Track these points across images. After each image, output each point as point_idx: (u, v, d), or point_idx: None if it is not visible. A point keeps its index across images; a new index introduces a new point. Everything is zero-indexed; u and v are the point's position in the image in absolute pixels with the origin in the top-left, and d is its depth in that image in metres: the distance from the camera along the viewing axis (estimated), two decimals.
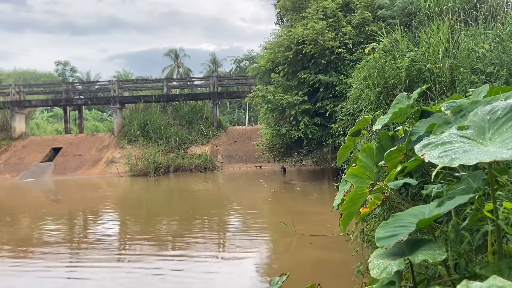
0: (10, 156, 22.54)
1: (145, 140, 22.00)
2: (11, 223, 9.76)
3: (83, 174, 20.45)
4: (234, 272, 5.43)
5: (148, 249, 6.74)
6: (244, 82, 26.02)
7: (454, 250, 2.11)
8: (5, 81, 44.37)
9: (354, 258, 4.67)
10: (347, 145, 4.10)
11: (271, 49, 13.86)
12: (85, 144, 23.18)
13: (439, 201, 1.91)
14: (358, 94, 8.23)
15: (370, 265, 1.76)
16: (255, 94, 14.20)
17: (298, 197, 11.87)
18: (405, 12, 10.12)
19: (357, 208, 2.57)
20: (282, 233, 6.81)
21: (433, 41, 6.75)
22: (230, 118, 41.66)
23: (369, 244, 4.28)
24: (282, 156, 16.03)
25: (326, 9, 13.09)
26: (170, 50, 52.29)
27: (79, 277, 5.43)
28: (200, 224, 8.76)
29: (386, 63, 7.26)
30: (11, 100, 24.44)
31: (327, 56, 12.84)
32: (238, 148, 22.18)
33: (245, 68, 41.64)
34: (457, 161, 1.42)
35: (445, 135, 1.63)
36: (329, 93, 12.90)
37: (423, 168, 3.63)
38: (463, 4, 8.38)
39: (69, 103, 26.46)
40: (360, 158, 2.48)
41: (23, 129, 24.87)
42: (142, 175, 19.02)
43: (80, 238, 7.96)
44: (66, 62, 53.30)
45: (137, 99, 24.63)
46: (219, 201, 12.04)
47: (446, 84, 6.11)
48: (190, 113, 24.30)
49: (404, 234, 1.71)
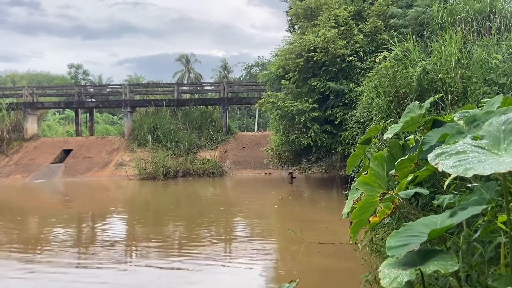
0: (21, 156, 22.81)
1: (155, 144, 22.13)
2: (20, 223, 9.86)
3: (93, 176, 20.60)
4: (241, 278, 5.41)
5: (155, 252, 6.75)
6: (254, 88, 26.11)
7: (465, 261, 2.08)
8: (19, 82, 45.15)
9: (362, 268, 4.63)
10: (357, 153, 4.08)
11: (282, 56, 13.91)
12: (95, 147, 23.39)
13: (451, 212, 1.89)
14: (369, 103, 8.21)
15: (380, 274, 1.74)
16: (265, 100, 14.23)
17: (306, 204, 11.82)
18: (417, 21, 10.09)
19: (367, 217, 2.56)
20: (289, 240, 6.78)
21: (445, 51, 6.70)
22: (239, 124, 41.76)
23: (377, 254, 4.24)
24: (290, 163, 16.00)
25: (338, 17, 13.12)
26: (182, 55, 52.76)
27: (86, 279, 5.45)
28: (207, 229, 8.76)
29: (397, 72, 7.23)
30: (24, 102, 24.78)
31: (338, 64, 12.84)
32: (247, 154, 22.19)
33: (255, 74, 41.78)
34: (471, 171, 1.41)
35: (459, 145, 1.61)
36: (339, 101, 12.88)
37: (434, 178, 3.60)
38: (476, 15, 8.33)
39: (81, 105, 26.79)
40: (371, 166, 2.47)
41: (35, 131, 25.18)
42: (150, 179, 19.10)
43: (88, 239, 8.01)
44: (79, 65, 54.07)
45: (147, 103, 24.83)
46: (227, 206, 12.04)
47: (458, 94, 6.06)
48: (200, 118, 24.42)
49: (415, 244, 1.70)
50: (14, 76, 52.44)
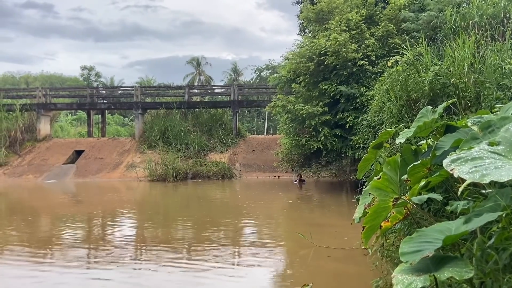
0: (34, 157, 23.10)
1: (165, 146, 22.25)
2: (32, 222, 9.99)
3: (104, 177, 20.78)
4: (250, 281, 5.41)
5: (164, 253, 6.78)
6: (265, 91, 26.11)
7: (479, 268, 2.06)
8: (32, 84, 45.81)
9: (373, 273, 4.59)
10: (368, 157, 4.06)
11: (292, 59, 13.91)
12: (106, 148, 23.60)
13: (466, 218, 1.88)
14: (380, 107, 8.17)
15: (394, 280, 1.74)
16: (276, 103, 14.24)
17: (315, 208, 11.78)
18: (430, 25, 10.02)
19: (380, 222, 2.54)
20: (298, 244, 6.75)
21: (458, 55, 6.65)
22: (249, 127, 41.75)
23: (388, 259, 4.22)
24: (300, 167, 15.94)
25: (349, 21, 13.10)
26: (193, 58, 53.06)
27: (95, 279, 5.50)
28: (216, 231, 8.78)
29: (409, 76, 7.19)
30: (37, 103, 25.10)
31: (349, 68, 12.81)
32: (256, 157, 22.19)
33: (265, 77, 41.82)
34: (488, 177, 1.40)
35: (475, 151, 1.60)
36: (350, 104, 12.84)
37: (447, 184, 3.57)
38: (489, 19, 8.25)
39: (93, 107, 27.06)
40: (384, 171, 2.46)
41: (47, 131, 25.48)
42: (160, 180, 19.21)
43: (98, 240, 8.08)
44: (91, 67, 54.66)
45: (158, 105, 24.99)
46: (236, 209, 12.05)
47: (471, 100, 6.00)
48: (210, 121, 24.51)
49: (430, 250, 1.69)
50: (27, 77, 53.21)
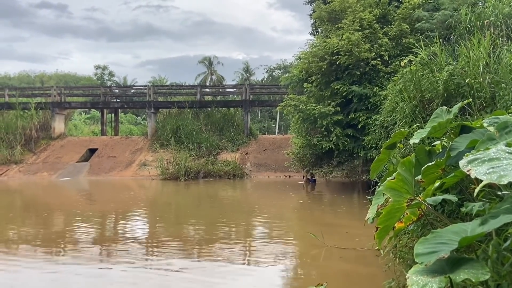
0: (48, 155, 23.45)
1: (177, 145, 22.39)
2: (46, 219, 10.15)
3: (116, 176, 21.00)
4: (261, 281, 5.42)
5: (176, 252, 6.83)
6: (276, 91, 26.11)
7: (495, 270, 2.04)
8: (47, 82, 46.51)
9: (384, 274, 4.57)
10: (381, 157, 4.04)
11: (305, 59, 13.87)
12: (119, 146, 23.84)
13: (482, 220, 1.86)
14: (393, 107, 8.10)
15: (408, 281, 1.73)
16: (287, 103, 14.22)
17: (326, 208, 11.73)
18: (444, 25, 9.90)
19: (394, 223, 2.53)
20: (309, 244, 6.74)
21: (473, 55, 6.56)
22: (261, 126, 41.78)
23: (401, 261, 4.19)
24: (312, 167, 15.90)
25: (362, 20, 13.00)
26: (204, 58, 53.20)
27: (107, 276, 5.56)
28: (227, 230, 8.81)
29: (423, 76, 7.12)
30: (52, 101, 25.46)
31: (362, 68, 12.73)
32: (268, 157, 22.19)
33: (277, 77, 41.77)
34: (506, 179, 1.39)
35: (492, 151, 1.59)
36: (363, 104, 12.75)
37: (462, 185, 3.53)
38: (505, 19, 8.11)
39: (106, 106, 27.36)
40: (398, 171, 2.45)
41: (62, 130, 25.84)
42: (172, 179, 19.33)
43: (110, 237, 8.17)
44: (105, 66, 55.19)
45: (171, 104, 25.16)
46: (247, 208, 12.07)
47: (486, 100, 5.92)
48: (222, 120, 24.60)
49: (445, 251, 1.68)
50: (42, 76, 53.98)
